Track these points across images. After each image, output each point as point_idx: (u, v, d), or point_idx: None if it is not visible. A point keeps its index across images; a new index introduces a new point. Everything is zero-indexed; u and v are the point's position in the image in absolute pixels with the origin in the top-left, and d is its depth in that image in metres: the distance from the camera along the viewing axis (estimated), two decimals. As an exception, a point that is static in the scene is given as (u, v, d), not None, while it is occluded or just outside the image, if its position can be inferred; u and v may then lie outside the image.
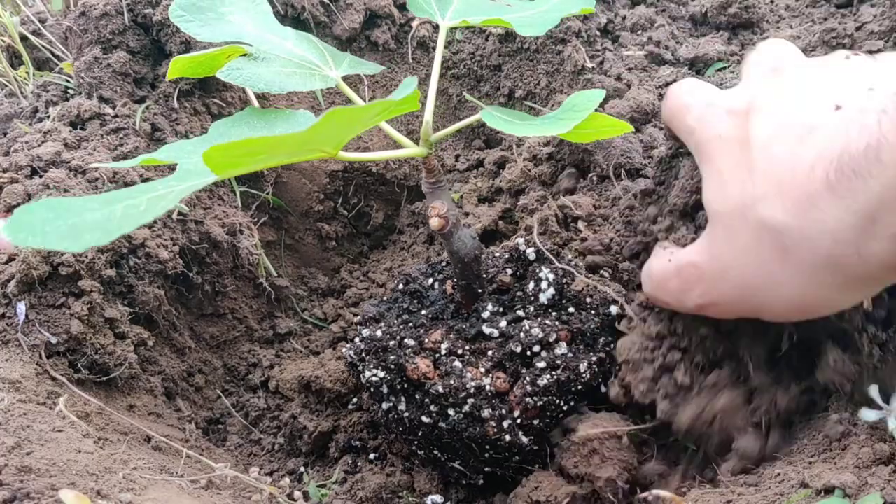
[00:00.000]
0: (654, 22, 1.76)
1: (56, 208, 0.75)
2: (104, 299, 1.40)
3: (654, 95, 1.58)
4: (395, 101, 0.89)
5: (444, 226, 1.19)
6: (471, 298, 1.31)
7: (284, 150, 0.86)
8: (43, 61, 1.88)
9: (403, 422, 1.27)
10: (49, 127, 1.58)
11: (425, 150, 1.15)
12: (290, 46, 1.25)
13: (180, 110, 1.67)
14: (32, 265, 1.31)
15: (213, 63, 1.21)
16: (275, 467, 1.54)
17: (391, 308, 1.39)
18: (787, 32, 1.71)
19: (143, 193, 0.79)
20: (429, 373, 1.22)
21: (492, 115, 1.10)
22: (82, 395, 1.31)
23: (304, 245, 1.92)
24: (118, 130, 1.60)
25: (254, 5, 1.29)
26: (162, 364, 1.56)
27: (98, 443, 1.21)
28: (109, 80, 1.62)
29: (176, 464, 1.29)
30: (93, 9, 1.61)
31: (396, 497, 1.37)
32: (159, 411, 1.50)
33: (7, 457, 1.04)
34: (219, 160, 0.76)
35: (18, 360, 1.29)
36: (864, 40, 1.62)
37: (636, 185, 1.30)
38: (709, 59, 1.69)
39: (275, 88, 1.17)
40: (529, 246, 1.36)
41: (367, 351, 1.27)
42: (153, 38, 1.65)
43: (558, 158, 1.58)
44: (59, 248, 0.72)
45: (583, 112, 1.07)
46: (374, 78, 1.95)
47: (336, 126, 0.83)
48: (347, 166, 1.93)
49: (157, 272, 1.50)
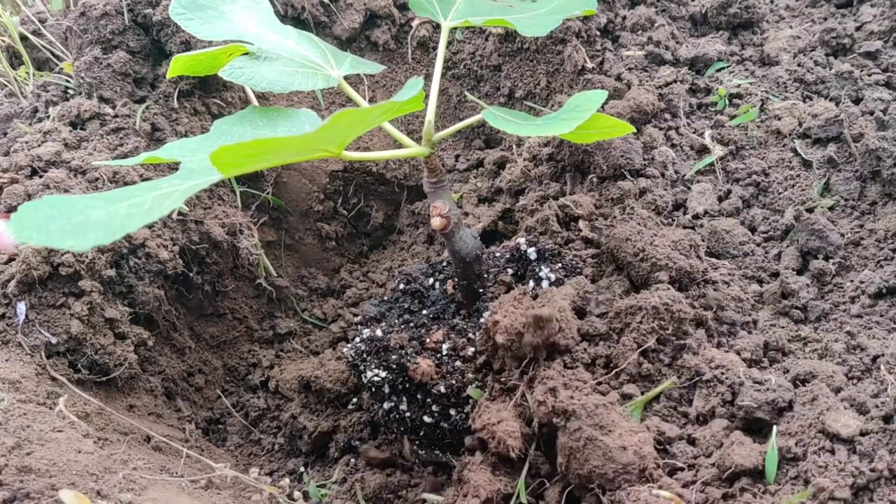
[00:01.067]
0: (654, 22, 1.76)
1: (60, 206, 0.74)
2: (104, 299, 1.39)
3: (654, 95, 1.58)
4: (399, 102, 0.89)
5: (446, 225, 1.19)
6: (472, 298, 1.31)
7: (290, 150, 0.86)
8: (43, 61, 1.87)
9: (405, 421, 1.27)
10: (49, 127, 1.58)
11: (427, 150, 1.15)
12: (291, 45, 1.24)
13: (180, 110, 1.66)
14: (32, 265, 1.31)
15: (214, 61, 1.21)
16: (275, 467, 1.54)
17: (392, 308, 1.38)
18: (787, 32, 1.72)
19: (148, 192, 0.79)
20: (431, 372, 1.22)
21: (494, 115, 1.10)
22: (82, 395, 1.31)
23: (304, 245, 1.92)
24: (118, 130, 1.60)
25: (254, 3, 1.29)
26: (162, 364, 1.56)
27: (98, 443, 1.21)
28: (109, 80, 1.62)
29: (176, 464, 1.28)
30: (93, 9, 1.61)
31: (396, 497, 1.37)
32: (159, 411, 1.49)
33: (7, 457, 1.03)
34: (226, 160, 0.75)
35: (18, 360, 1.28)
36: (864, 40, 1.62)
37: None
38: (709, 59, 1.69)
39: (277, 88, 1.16)
40: (530, 245, 1.37)
41: (367, 351, 1.27)
42: (153, 38, 1.65)
43: (558, 159, 1.58)
44: (64, 247, 0.71)
45: (585, 113, 1.07)
46: (373, 78, 1.94)
47: (342, 127, 0.83)
48: (347, 166, 1.93)
49: (157, 272, 1.50)
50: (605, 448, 0.98)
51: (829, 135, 1.45)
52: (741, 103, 1.59)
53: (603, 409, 1.02)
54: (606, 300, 1.26)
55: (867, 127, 1.42)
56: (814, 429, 1.00)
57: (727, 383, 1.08)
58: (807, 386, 1.08)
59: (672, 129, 1.57)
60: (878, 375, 1.07)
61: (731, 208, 1.43)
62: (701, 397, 1.10)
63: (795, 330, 1.23)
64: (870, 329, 1.18)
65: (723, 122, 1.55)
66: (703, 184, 1.47)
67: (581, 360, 1.15)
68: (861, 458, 0.95)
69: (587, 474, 0.99)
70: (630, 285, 1.29)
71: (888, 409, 0.99)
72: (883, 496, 0.90)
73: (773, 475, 0.97)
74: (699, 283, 1.26)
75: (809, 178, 1.42)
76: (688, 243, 1.28)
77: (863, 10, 1.69)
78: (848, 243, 1.32)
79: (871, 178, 1.37)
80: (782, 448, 0.99)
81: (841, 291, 1.27)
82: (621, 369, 1.14)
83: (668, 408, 1.12)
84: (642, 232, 1.29)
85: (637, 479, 0.98)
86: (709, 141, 1.53)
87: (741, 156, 1.51)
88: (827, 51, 1.65)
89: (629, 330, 1.17)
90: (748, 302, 1.27)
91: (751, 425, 1.06)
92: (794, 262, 1.32)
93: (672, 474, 1.03)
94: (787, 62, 1.65)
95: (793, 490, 0.95)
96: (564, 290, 1.24)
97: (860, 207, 1.36)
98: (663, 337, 1.16)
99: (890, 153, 1.33)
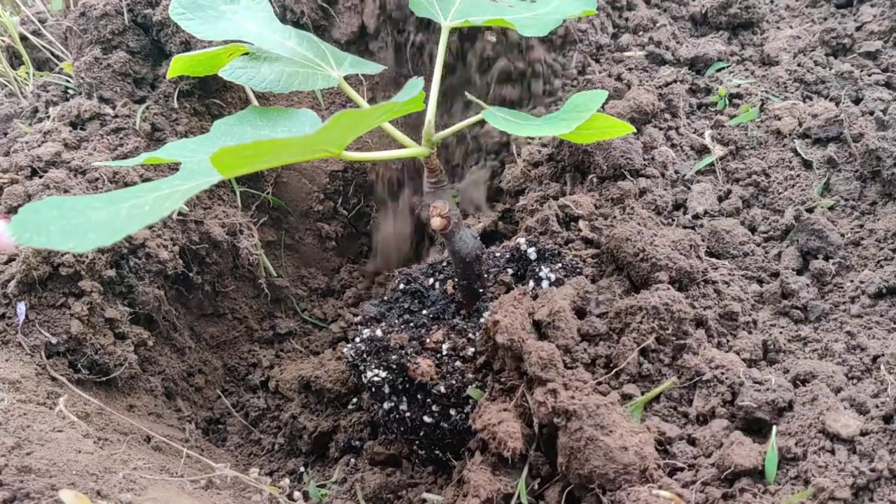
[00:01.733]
0: (655, 22, 1.77)
1: (61, 207, 0.74)
2: (104, 299, 1.39)
3: (654, 95, 1.58)
4: (399, 102, 0.88)
5: (446, 226, 1.19)
6: (472, 298, 1.31)
7: (291, 151, 0.86)
8: (43, 61, 1.87)
9: (405, 422, 1.27)
10: (49, 127, 1.58)
11: (427, 150, 1.15)
12: (291, 45, 1.24)
13: (180, 110, 1.66)
14: (33, 265, 1.31)
15: (214, 61, 1.21)
16: (275, 467, 1.54)
17: (392, 308, 1.38)
18: (786, 32, 1.72)
19: (148, 193, 0.79)
20: (431, 372, 1.22)
21: (494, 115, 1.10)
22: (82, 395, 1.31)
23: (304, 245, 1.92)
24: (118, 131, 1.60)
25: (254, 3, 1.29)
26: (162, 364, 1.56)
27: (98, 443, 1.21)
28: (109, 81, 1.62)
29: (176, 464, 1.28)
30: (93, 9, 1.61)
31: (396, 497, 1.37)
32: (159, 411, 1.49)
33: (7, 457, 1.03)
34: (226, 161, 0.75)
35: (18, 361, 1.28)
36: (864, 40, 1.63)
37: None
38: (709, 59, 1.69)
39: (277, 88, 1.16)
40: (530, 245, 1.36)
41: (367, 351, 1.27)
42: (153, 38, 1.65)
43: (558, 159, 1.58)
44: (64, 248, 0.71)
45: (585, 113, 1.07)
46: (373, 79, 1.94)
47: (342, 128, 0.82)
48: (348, 166, 1.93)
49: (157, 272, 1.50)
50: (606, 448, 0.98)
51: (829, 135, 1.45)
52: (741, 103, 1.59)
53: (604, 409, 1.02)
54: (606, 300, 1.25)
55: (867, 127, 1.42)
56: (814, 429, 1.00)
57: (727, 383, 1.08)
58: (807, 386, 1.08)
59: (672, 129, 1.58)
60: (878, 375, 1.07)
61: (731, 208, 1.43)
62: (701, 397, 1.10)
63: (795, 330, 1.23)
64: (870, 329, 1.18)
65: (723, 122, 1.55)
66: (703, 184, 1.47)
67: (581, 360, 1.15)
68: (861, 458, 0.95)
69: (588, 474, 0.99)
70: (630, 285, 1.29)
71: (888, 409, 0.99)
72: (883, 496, 0.90)
73: (773, 475, 0.97)
74: (699, 283, 1.26)
75: (809, 178, 1.42)
76: (688, 243, 1.28)
77: (863, 10, 1.69)
78: (848, 243, 1.32)
79: (871, 178, 1.37)
80: (782, 448, 0.99)
81: (841, 291, 1.27)
82: (621, 369, 1.14)
83: (668, 408, 1.12)
84: (642, 232, 1.29)
85: (638, 479, 0.98)
86: (709, 141, 1.53)
87: (741, 156, 1.51)
88: (827, 51, 1.65)
89: (629, 330, 1.17)
90: (748, 302, 1.27)
91: (751, 425, 1.06)
92: (794, 262, 1.32)
93: (672, 474, 1.03)
94: (787, 62, 1.65)
95: (793, 490, 0.95)
96: (564, 291, 1.24)
97: (860, 207, 1.36)
98: (663, 337, 1.16)
99: (890, 153, 1.33)
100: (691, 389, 1.12)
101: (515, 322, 1.12)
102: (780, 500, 0.94)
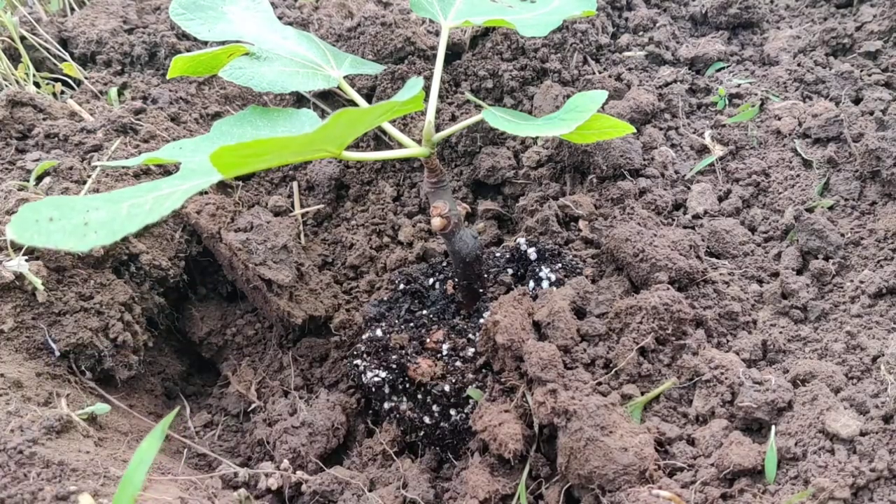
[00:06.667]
0: (655, 22, 1.77)
1: (61, 207, 0.74)
2: (105, 300, 1.39)
3: (654, 95, 1.58)
4: (399, 102, 0.88)
5: (446, 226, 1.19)
6: (472, 298, 1.31)
7: (291, 150, 0.86)
8: (40, 61, 1.87)
9: (405, 421, 1.27)
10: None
11: (428, 150, 1.15)
12: (291, 45, 1.24)
13: (180, 110, 1.66)
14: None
15: (214, 62, 1.21)
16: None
17: (392, 308, 1.38)
18: (787, 32, 1.72)
19: (148, 192, 0.79)
20: (431, 372, 1.22)
21: (494, 115, 1.10)
22: (83, 395, 1.30)
23: (304, 245, 1.92)
24: (118, 130, 1.59)
25: (254, 4, 1.29)
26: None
27: (98, 443, 1.21)
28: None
29: (176, 464, 1.28)
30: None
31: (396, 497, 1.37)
32: (159, 411, 1.49)
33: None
34: (226, 160, 0.75)
35: (19, 361, 1.28)
36: (864, 40, 1.63)
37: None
38: (709, 59, 1.69)
39: (277, 88, 1.16)
40: (530, 246, 1.37)
41: (367, 351, 1.27)
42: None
43: (558, 160, 1.58)
44: (64, 248, 0.71)
45: (585, 113, 1.06)
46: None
47: (341, 127, 0.82)
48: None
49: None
50: (607, 449, 0.98)
51: (829, 135, 1.45)
52: (741, 103, 1.59)
53: (604, 409, 1.02)
54: (606, 300, 1.26)
55: (867, 127, 1.42)
56: (813, 429, 1.00)
57: (727, 383, 1.08)
58: (806, 386, 1.08)
59: (672, 129, 1.58)
60: (878, 375, 1.07)
61: (731, 208, 1.43)
62: (701, 397, 1.10)
63: (795, 330, 1.23)
64: (870, 329, 1.18)
65: (723, 121, 1.55)
66: (703, 184, 1.47)
67: (581, 360, 1.16)
68: (861, 458, 0.95)
69: (587, 475, 0.99)
70: (630, 285, 1.29)
71: (888, 409, 0.99)
72: (883, 496, 0.90)
73: (772, 475, 0.97)
74: (699, 283, 1.26)
75: (809, 178, 1.42)
76: (688, 243, 1.28)
77: (863, 10, 1.69)
78: (848, 243, 1.32)
79: (871, 178, 1.38)
80: (782, 448, 0.99)
81: (841, 291, 1.27)
82: (621, 370, 1.14)
83: (668, 408, 1.12)
84: (642, 232, 1.29)
85: (637, 479, 0.98)
86: (709, 141, 1.54)
87: (741, 156, 1.51)
88: (827, 51, 1.65)
89: (629, 330, 1.17)
90: (748, 302, 1.27)
91: (750, 425, 1.06)
92: (794, 261, 1.32)
93: (672, 474, 1.03)
94: (787, 62, 1.65)
95: (793, 490, 0.95)
96: (564, 291, 1.24)
97: (860, 207, 1.36)
98: (663, 337, 1.16)
99: (890, 153, 1.33)
100: (691, 390, 1.12)
101: (515, 322, 1.12)
102: (779, 500, 0.94)
